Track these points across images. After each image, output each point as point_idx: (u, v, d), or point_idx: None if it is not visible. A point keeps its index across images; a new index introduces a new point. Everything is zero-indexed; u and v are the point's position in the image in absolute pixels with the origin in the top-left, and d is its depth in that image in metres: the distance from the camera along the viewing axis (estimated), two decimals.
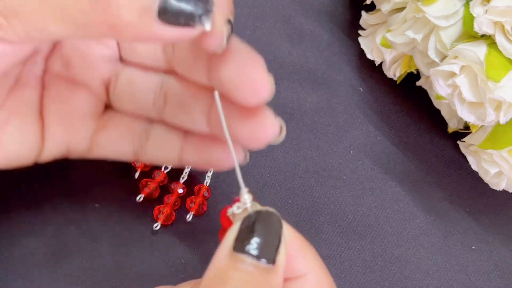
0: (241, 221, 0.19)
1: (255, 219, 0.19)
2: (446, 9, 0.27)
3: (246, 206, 0.20)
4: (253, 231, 0.18)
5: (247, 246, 0.18)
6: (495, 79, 0.25)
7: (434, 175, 0.32)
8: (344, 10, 0.36)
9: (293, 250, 0.20)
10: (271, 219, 0.19)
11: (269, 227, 0.19)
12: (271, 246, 0.18)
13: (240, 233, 0.18)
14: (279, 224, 0.19)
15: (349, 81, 0.34)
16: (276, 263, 0.18)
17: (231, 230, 0.19)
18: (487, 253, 0.31)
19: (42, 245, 0.28)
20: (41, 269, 0.27)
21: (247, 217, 0.19)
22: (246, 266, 0.18)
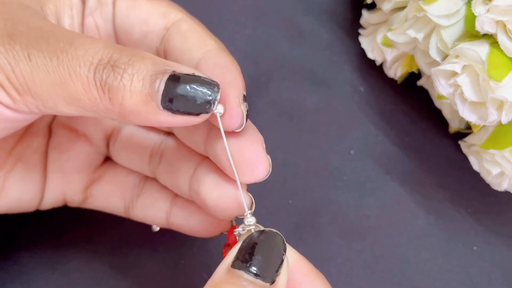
0: (243, 240, 0.19)
1: (257, 237, 0.18)
2: (448, 8, 0.26)
3: (251, 228, 0.20)
4: (254, 249, 0.18)
5: (245, 262, 0.18)
6: (497, 78, 0.25)
7: (435, 175, 0.32)
8: (345, 9, 0.36)
9: (299, 275, 0.20)
10: (274, 239, 0.19)
11: (271, 246, 0.18)
12: (271, 266, 0.18)
13: (241, 251, 0.18)
14: (282, 245, 0.19)
15: (350, 81, 0.34)
16: (275, 284, 0.18)
17: (233, 248, 0.19)
18: (489, 254, 0.31)
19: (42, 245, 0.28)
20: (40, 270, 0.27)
21: (250, 235, 0.19)
22: (242, 282, 0.17)
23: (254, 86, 0.33)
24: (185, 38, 0.21)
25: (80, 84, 0.18)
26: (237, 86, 0.20)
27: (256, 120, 0.32)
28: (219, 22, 0.35)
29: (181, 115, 0.18)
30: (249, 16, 0.35)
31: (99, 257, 0.28)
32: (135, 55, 0.18)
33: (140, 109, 0.18)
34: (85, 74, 0.18)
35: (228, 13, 0.35)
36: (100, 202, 0.26)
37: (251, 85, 0.33)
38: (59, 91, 0.18)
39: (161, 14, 0.22)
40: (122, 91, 0.18)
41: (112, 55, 0.18)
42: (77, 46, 0.18)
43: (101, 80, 0.18)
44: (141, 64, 0.18)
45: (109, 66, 0.18)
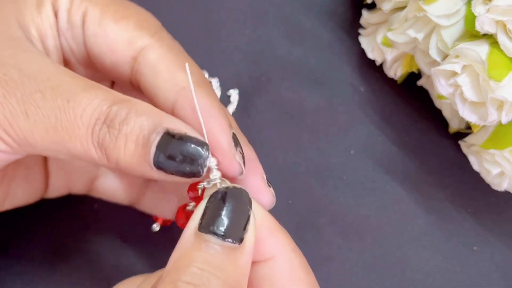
0: (207, 199, 0.18)
1: (222, 196, 0.18)
2: (448, 8, 0.26)
3: (216, 182, 0.19)
4: (220, 209, 0.18)
5: (212, 225, 0.17)
6: (497, 78, 0.25)
7: (435, 175, 0.32)
8: (345, 9, 0.36)
9: (263, 231, 0.19)
10: (240, 197, 0.18)
11: (237, 205, 0.18)
12: (239, 225, 0.18)
13: (206, 212, 0.18)
14: (248, 202, 0.18)
15: (350, 81, 0.34)
16: (243, 242, 0.17)
17: (197, 209, 0.18)
18: (489, 254, 0.31)
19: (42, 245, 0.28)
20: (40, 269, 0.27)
21: (214, 194, 0.18)
22: (211, 246, 0.17)
23: (254, 86, 0.33)
24: (155, 73, 0.20)
25: (78, 144, 0.18)
26: (225, 132, 0.20)
27: (256, 120, 0.32)
28: (219, 21, 0.35)
29: (174, 175, 0.18)
30: (249, 16, 0.35)
31: (99, 257, 0.28)
32: (131, 111, 0.18)
33: (135, 168, 0.18)
34: (83, 135, 0.18)
35: (228, 12, 0.35)
36: (104, 196, 0.26)
37: (251, 85, 0.33)
38: (59, 147, 0.18)
39: (127, 42, 0.21)
40: (117, 152, 0.18)
41: (109, 113, 0.18)
42: (76, 105, 0.18)
43: (98, 141, 0.18)
44: (135, 123, 0.18)
45: (105, 126, 0.18)
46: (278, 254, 0.19)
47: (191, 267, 0.17)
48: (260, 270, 0.19)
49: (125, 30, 0.21)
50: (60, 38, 0.22)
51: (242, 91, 0.33)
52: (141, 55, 0.21)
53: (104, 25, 0.21)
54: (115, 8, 0.21)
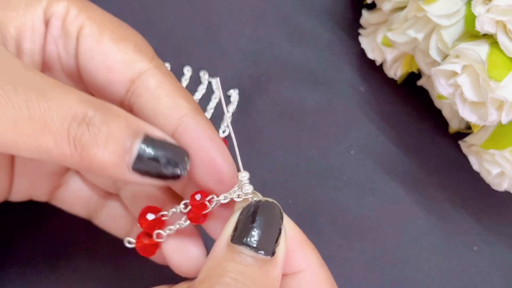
0: (240, 211, 0.18)
1: (255, 209, 0.18)
2: (448, 8, 0.26)
3: (247, 197, 0.19)
4: (252, 222, 0.18)
5: (245, 237, 0.18)
6: (497, 78, 0.25)
7: (435, 175, 0.32)
8: (345, 9, 0.36)
9: (293, 245, 0.19)
10: (272, 210, 0.19)
11: (269, 218, 0.18)
12: (271, 238, 0.18)
13: (239, 224, 0.18)
14: (279, 215, 0.19)
15: (350, 81, 0.34)
16: (275, 255, 0.18)
17: (231, 220, 0.18)
18: (489, 254, 0.31)
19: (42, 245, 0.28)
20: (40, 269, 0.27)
21: (247, 207, 0.18)
22: (243, 257, 0.17)
23: (254, 86, 0.33)
24: (156, 98, 0.20)
25: (51, 138, 0.17)
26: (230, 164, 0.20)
27: (256, 120, 0.32)
28: (219, 22, 0.35)
29: (149, 178, 0.18)
30: (249, 16, 0.35)
31: (99, 257, 0.28)
32: (110, 113, 0.18)
33: (110, 168, 0.18)
34: (57, 129, 0.17)
35: (228, 13, 0.35)
36: (63, 206, 0.26)
37: (251, 85, 0.33)
38: (27, 142, 0.17)
39: (127, 64, 0.21)
40: (95, 151, 0.18)
41: (87, 112, 0.18)
42: (49, 99, 0.17)
43: (75, 137, 0.18)
44: (115, 125, 0.18)
45: (84, 123, 0.18)
46: (306, 268, 0.20)
47: (225, 277, 0.17)
48: (288, 283, 0.20)
49: (124, 52, 0.21)
50: (48, 44, 0.21)
51: (242, 91, 0.33)
52: (140, 79, 0.21)
53: (103, 43, 0.21)
54: (113, 28, 0.21)
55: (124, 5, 0.34)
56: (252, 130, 0.32)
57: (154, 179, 0.18)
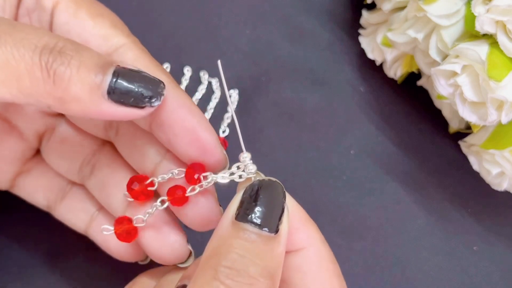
0: (243, 190, 0.19)
1: (258, 188, 0.19)
2: (448, 8, 0.26)
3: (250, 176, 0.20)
4: (256, 200, 0.18)
5: (249, 215, 0.18)
6: (496, 78, 0.25)
7: (435, 175, 0.32)
8: (345, 9, 0.36)
9: (295, 222, 0.20)
10: (275, 189, 0.19)
11: (272, 197, 0.18)
12: (274, 216, 0.18)
13: (243, 202, 0.18)
14: (282, 194, 0.19)
15: (350, 81, 0.34)
16: (279, 233, 0.18)
17: (234, 199, 0.19)
18: (489, 253, 0.31)
19: (42, 245, 0.28)
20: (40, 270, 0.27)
21: (250, 186, 0.19)
22: (248, 234, 0.18)
23: (254, 86, 0.33)
24: None
25: (23, 65, 0.17)
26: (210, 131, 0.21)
27: (256, 120, 0.32)
28: (219, 22, 0.35)
29: (125, 107, 0.18)
30: (249, 16, 0.35)
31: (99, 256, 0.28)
32: (80, 45, 0.18)
33: (84, 97, 0.18)
34: (29, 56, 0.17)
35: (228, 13, 0.35)
36: (24, 194, 0.25)
37: (251, 85, 0.33)
38: None
39: (103, 37, 0.21)
40: (68, 76, 0.17)
41: (57, 43, 0.18)
42: (20, 29, 0.17)
43: (47, 63, 0.17)
44: (88, 54, 0.18)
45: (56, 51, 0.17)
46: (308, 245, 0.20)
47: (231, 253, 0.17)
48: (292, 260, 0.20)
49: (100, 27, 0.21)
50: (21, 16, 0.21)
51: (242, 91, 0.33)
52: (117, 53, 0.21)
53: (80, 17, 0.21)
54: (90, 5, 0.22)
55: (124, 5, 0.34)
56: (252, 130, 0.32)
57: (129, 107, 0.18)
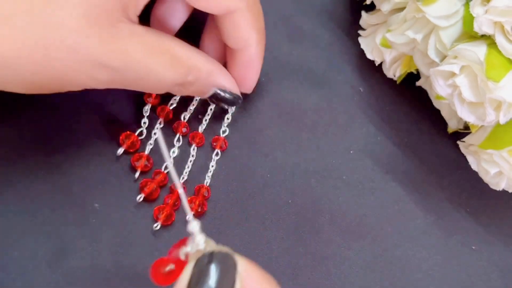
0: (193, 264, 0.18)
1: (208, 261, 0.18)
2: (446, 9, 0.27)
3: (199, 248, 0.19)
4: (206, 276, 0.18)
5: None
6: (495, 79, 0.25)
7: (434, 175, 0.32)
8: (344, 10, 0.36)
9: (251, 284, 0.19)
10: (226, 260, 0.18)
11: (223, 269, 0.18)
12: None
13: (193, 278, 0.18)
14: (233, 264, 0.18)
15: (349, 81, 0.34)
16: None
17: (184, 273, 0.18)
18: (488, 253, 0.31)
19: (42, 245, 0.28)
20: (41, 269, 0.27)
21: (200, 259, 0.18)
22: None
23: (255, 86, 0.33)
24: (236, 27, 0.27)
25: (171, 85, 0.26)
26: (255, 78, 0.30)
27: (256, 120, 0.33)
28: None
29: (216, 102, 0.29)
30: None
31: (99, 257, 0.28)
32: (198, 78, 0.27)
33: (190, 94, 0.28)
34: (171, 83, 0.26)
35: None
36: None
37: None
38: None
39: None
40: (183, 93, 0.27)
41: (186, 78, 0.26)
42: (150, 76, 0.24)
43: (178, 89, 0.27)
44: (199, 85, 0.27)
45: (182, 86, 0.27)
46: None
47: None
48: None
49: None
50: None
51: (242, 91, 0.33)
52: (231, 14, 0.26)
53: None
54: None
55: None
56: (252, 130, 0.32)
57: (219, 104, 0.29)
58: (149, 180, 0.29)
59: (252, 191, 0.30)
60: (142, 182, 0.29)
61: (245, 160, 0.31)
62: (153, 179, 0.29)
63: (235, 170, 0.30)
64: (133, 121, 0.30)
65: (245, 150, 0.31)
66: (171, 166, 0.21)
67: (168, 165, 0.20)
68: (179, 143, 0.30)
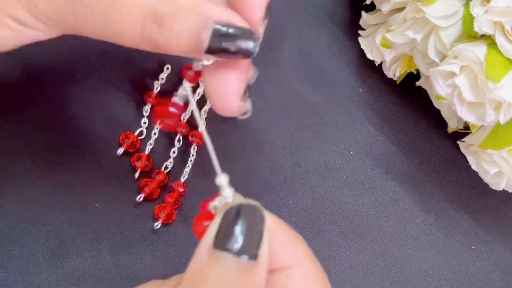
0: (221, 216, 0.18)
1: (236, 213, 0.18)
2: (446, 9, 0.27)
3: (227, 200, 0.19)
4: (234, 227, 0.18)
5: (227, 242, 0.17)
6: (494, 79, 0.25)
7: (434, 175, 0.32)
8: (344, 10, 0.36)
9: (278, 242, 0.19)
10: (253, 213, 0.18)
11: (251, 222, 0.18)
12: (253, 242, 0.18)
13: (220, 229, 0.18)
14: (261, 218, 0.18)
15: (349, 81, 0.34)
16: (258, 259, 0.17)
17: (212, 225, 0.18)
18: (487, 252, 0.31)
19: (42, 245, 0.28)
20: (41, 269, 0.27)
21: (228, 211, 0.18)
22: (226, 263, 0.17)
23: (254, 86, 0.33)
24: None
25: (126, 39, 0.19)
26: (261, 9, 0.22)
27: (256, 120, 0.33)
28: None
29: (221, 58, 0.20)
30: None
31: (99, 257, 0.28)
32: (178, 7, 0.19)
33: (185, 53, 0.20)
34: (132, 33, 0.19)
35: None
36: None
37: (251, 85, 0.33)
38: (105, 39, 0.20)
39: None
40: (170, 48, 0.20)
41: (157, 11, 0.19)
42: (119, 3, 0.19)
43: (149, 39, 0.19)
44: (185, 21, 0.19)
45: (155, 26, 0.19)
46: (294, 263, 0.19)
47: (207, 285, 0.17)
48: (277, 279, 0.19)
49: None
50: None
51: None
52: None
53: None
54: None
55: None
56: (252, 130, 0.32)
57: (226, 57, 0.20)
58: (149, 180, 0.29)
59: (252, 192, 0.30)
60: (143, 182, 0.29)
61: (245, 160, 0.31)
62: (153, 179, 0.29)
63: (236, 171, 0.30)
64: (133, 121, 0.30)
65: (245, 150, 0.31)
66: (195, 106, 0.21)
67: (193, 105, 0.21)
68: (179, 143, 0.30)
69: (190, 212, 0.29)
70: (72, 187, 0.29)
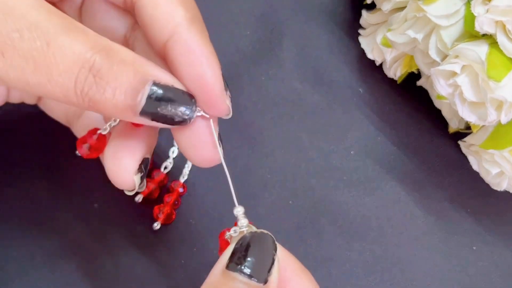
0: (236, 242, 0.19)
1: (250, 239, 0.19)
2: (447, 8, 0.26)
3: (242, 230, 0.20)
4: (247, 251, 0.19)
5: (239, 264, 0.19)
6: (496, 78, 0.25)
7: (435, 175, 0.32)
8: (345, 10, 0.36)
9: (288, 273, 0.20)
10: (265, 240, 0.20)
11: (263, 248, 0.19)
12: (264, 266, 0.19)
13: (234, 253, 0.19)
14: (272, 245, 0.20)
15: (350, 81, 0.34)
16: (267, 284, 0.19)
17: (227, 249, 0.19)
18: (488, 253, 0.31)
19: (42, 245, 0.28)
20: (41, 269, 0.27)
21: (242, 237, 0.20)
22: (237, 284, 0.18)
23: (254, 86, 0.33)
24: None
25: (59, 91, 0.18)
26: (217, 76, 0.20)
27: (256, 120, 0.33)
28: (220, 23, 0.35)
29: (156, 123, 0.19)
30: (249, 17, 0.35)
31: (99, 257, 0.28)
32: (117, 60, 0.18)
33: (118, 114, 0.19)
34: (65, 84, 0.18)
35: (228, 14, 0.35)
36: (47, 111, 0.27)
37: (251, 85, 0.33)
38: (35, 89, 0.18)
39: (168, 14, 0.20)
40: (103, 103, 0.18)
41: (94, 62, 0.18)
42: (54, 50, 0.17)
43: (82, 91, 0.18)
44: (123, 76, 0.18)
45: (91, 76, 0.18)
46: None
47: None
48: None
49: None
50: None
51: (242, 91, 0.33)
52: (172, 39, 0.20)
53: None
54: None
55: None
56: (252, 130, 0.32)
57: (161, 124, 0.19)
58: (148, 180, 0.29)
59: (252, 192, 0.30)
60: None
61: (245, 161, 0.31)
62: (153, 179, 0.29)
63: (236, 171, 0.30)
64: None
65: (245, 150, 0.31)
66: None
67: None
68: None
69: (189, 212, 0.29)
70: (71, 187, 0.29)
